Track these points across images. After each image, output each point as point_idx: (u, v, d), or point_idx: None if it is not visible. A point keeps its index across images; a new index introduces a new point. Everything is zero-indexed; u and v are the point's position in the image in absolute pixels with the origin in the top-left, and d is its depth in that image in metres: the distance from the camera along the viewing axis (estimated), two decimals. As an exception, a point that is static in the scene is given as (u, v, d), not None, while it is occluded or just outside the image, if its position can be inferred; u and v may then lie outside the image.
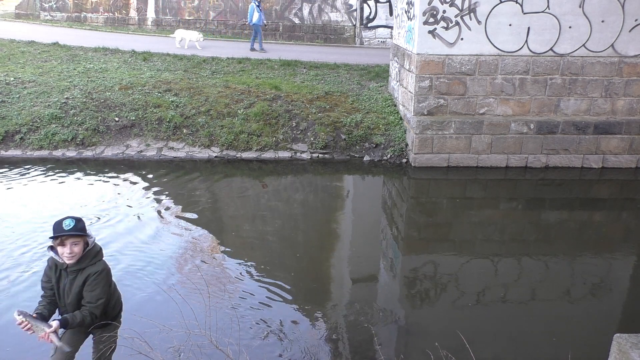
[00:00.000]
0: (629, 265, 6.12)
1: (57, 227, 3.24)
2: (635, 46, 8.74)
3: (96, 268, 3.35)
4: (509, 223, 7.27)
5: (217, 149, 9.25)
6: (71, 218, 3.28)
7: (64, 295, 3.37)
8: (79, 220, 3.31)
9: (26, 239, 5.92)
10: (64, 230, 3.20)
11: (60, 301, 3.40)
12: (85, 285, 3.32)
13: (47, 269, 3.40)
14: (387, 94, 10.98)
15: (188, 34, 16.12)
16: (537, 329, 4.63)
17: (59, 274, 3.35)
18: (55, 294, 3.39)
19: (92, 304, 3.32)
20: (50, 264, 3.38)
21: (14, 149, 8.95)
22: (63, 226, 3.22)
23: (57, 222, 3.27)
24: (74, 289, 3.32)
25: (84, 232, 3.29)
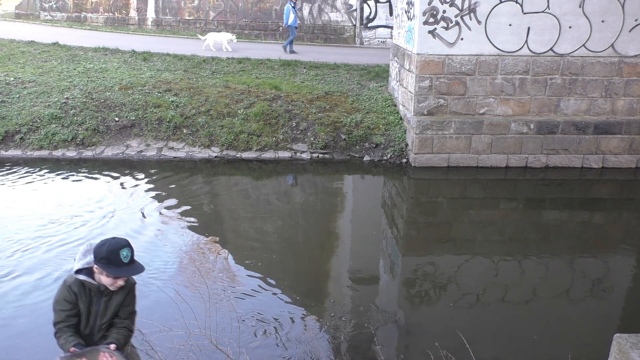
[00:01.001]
0: (629, 265, 6.12)
1: (113, 258, 2.77)
2: (635, 46, 8.74)
3: (132, 282, 3.06)
4: (509, 223, 7.27)
5: (217, 149, 9.25)
6: (127, 247, 2.82)
7: (95, 318, 2.98)
8: (131, 246, 2.86)
9: (25, 240, 5.92)
10: (123, 263, 2.78)
11: (86, 326, 2.99)
12: (123, 302, 3.01)
13: (68, 296, 2.88)
14: (387, 94, 10.98)
15: (220, 36, 15.65)
16: (537, 329, 4.62)
17: (89, 297, 2.93)
18: (85, 318, 2.97)
19: (129, 319, 3.05)
20: (75, 290, 2.89)
21: (14, 149, 8.95)
22: (121, 258, 2.78)
23: (110, 250, 2.78)
24: (112, 308, 2.98)
25: (141, 268, 2.88)
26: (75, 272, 2.89)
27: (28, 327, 4.41)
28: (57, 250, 5.69)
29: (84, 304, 2.92)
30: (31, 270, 5.26)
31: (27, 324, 4.44)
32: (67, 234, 6.06)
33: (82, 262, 2.90)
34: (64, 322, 2.89)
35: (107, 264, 2.77)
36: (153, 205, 7.11)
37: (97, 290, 2.91)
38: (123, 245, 2.80)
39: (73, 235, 6.06)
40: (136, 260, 2.88)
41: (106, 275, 2.80)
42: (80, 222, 6.41)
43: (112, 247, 2.78)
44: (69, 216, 6.56)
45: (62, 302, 2.90)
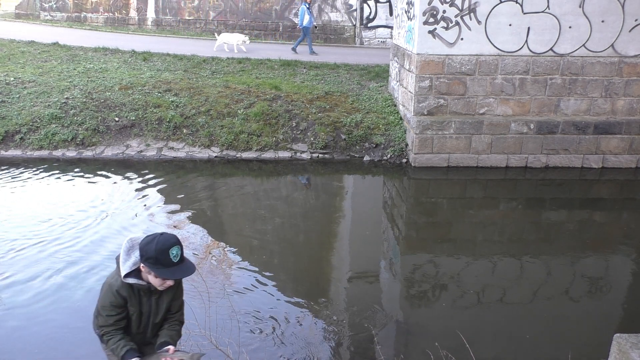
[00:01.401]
0: (629, 265, 6.12)
1: (161, 259, 2.53)
2: (635, 46, 8.74)
3: (193, 267, 2.79)
4: (509, 223, 7.27)
5: (217, 149, 9.25)
6: (176, 245, 2.57)
7: (148, 318, 2.83)
8: (180, 243, 2.61)
9: (24, 240, 5.92)
10: (173, 263, 2.55)
11: (138, 326, 2.83)
12: (173, 297, 2.84)
13: (116, 300, 2.68)
14: (387, 94, 10.98)
15: (232, 37, 15.39)
16: (537, 329, 4.62)
17: (139, 298, 2.74)
18: (136, 319, 2.80)
19: (179, 312, 2.91)
20: (124, 295, 2.69)
21: (14, 149, 8.95)
22: (171, 258, 2.54)
23: (158, 249, 2.53)
24: (164, 305, 2.82)
25: (192, 267, 2.66)
26: (124, 277, 2.65)
27: (21, 327, 4.41)
28: (50, 250, 5.69)
29: (134, 306, 2.73)
30: (22, 271, 5.24)
31: (21, 325, 4.44)
32: (62, 234, 6.06)
33: (129, 264, 2.66)
34: (112, 327, 2.73)
35: (155, 264, 2.54)
36: (153, 205, 7.11)
37: (147, 290, 2.71)
38: (173, 243, 2.55)
39: (69, 235, 6.06)
40: (186, 259, 2.65)
41: (154, 276, 2.59)
42: (77, 221, 6.41)
43: (160, 245, 2.52)
44: (67, 216, 6.56)
45: (109, 307, 2.69)
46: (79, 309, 4.66)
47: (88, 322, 3.11)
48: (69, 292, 4.93)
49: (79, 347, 4.15)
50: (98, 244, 5.89)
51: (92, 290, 4.90)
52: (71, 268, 5.32)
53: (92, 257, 5.57)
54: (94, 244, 5.87)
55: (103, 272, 5.20)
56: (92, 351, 3.66)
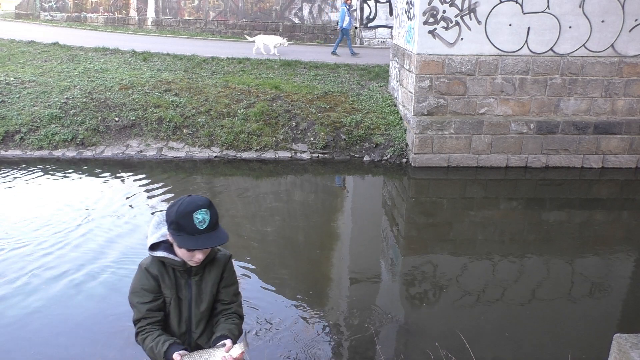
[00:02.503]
0: (629, 265, 6.12)
1: (184, 223, 2.10)
2: (635, 46, 8.74)
3: (226, 253, 2.42)
4: (509, 223, 7.27)
5: (217, 149, 9.25)
6: (204, 208, 2.13)
7: (190, 307, 2.34)
8: (212, 207, 2.17)
9: (23, 241, 5.91)
10: (198, 230, 2.11)
11: (180, 321, 2.35)
12: (222, 281, 2.39)
13: (147, 282, 2.27)
14: (387, 94, 10.98)
15: (270, 39, 15.15)
16: (537, 329, 4.62)
17: (174, 279, 2.30)
18: (175, 308, 2.32)
19: (235, 302, 2.43)
20: (154, 273, 2.27)
21: (14, 149, 8.95)
22: (195, 223, 2.10)
23: (180, 212, 2.11)
24: (208, 290, 2.35)
25: (223, 236, 2.19)
26: (150, 248, 2.26)
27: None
28: (46, 251, 5.69)
29: (169, 289, 2.27)
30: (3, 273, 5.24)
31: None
32: (64, 235, 6.06)
33: (157, 235, 2.26)
34: (146, 319, 2.25)
35: (177, 230, 2.13)
36: (153, 204, 7.11)
37: (183, 268, 2.26)
38: (199, 205, 2.11)
39: (67, 236, 6.06)
40: (219, 227, 2.19)
41: (177, 245, 2.17)
42: (74, 221, 6.41)
43: (183, 207, 2.10)
44: (66, 217, 6.56)
45: (140, 292, 2.26)
46: (70, 314, 4.65)
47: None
48: (63, 295, 4.93)
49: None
50: (98, 244, 5.89)
51: (83, 293, 4.90)
52: (67, 270, 5.32)
53: (90, 258, 5.57)
54: (95, 245, 5.87)
55: (100, 274, 5.21)
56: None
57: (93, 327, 4.37)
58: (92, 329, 4.35)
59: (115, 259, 5.54)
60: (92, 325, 4.40)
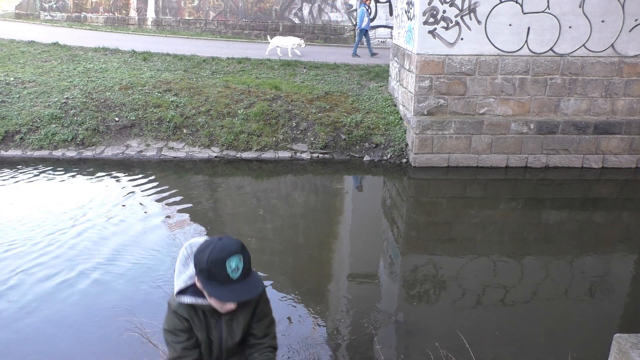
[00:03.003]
0: (629, 265, 6.12)
1: (215, 272, 1.95)
2: (635, 46, 8.74)
3: (261, 285, 2.11)
4: (509, 223, 7.27)
5: (217, 149, 9.26)
6: (237, 254, 1.97)
7: (220, 345, 2.29)
8: (245, 251, 2.02)
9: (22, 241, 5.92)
10: (231, 280, 1.96)
11: (211, 354, 2.31)
12: (255, 317, 2.28)
13: (179, 324, 2.18)
14: (387, 94, 10.98)
15: (286, 40, 14.89)
16: (537, 329, 4.63)
17: (204, 320, 2.22)
18: (206, 347, 2.28)
19: (268, 336, 2.32)
20: (185, 316, 2.18)
21: (14, 149, 8.95)
22: (228, 272, 1.95)
23: (212, 260, 1.95)
24: (240, 327, 2.26)
25: (254, 274, 2.07)
26: (177, 294, 2.14)
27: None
28: (44, 251, 5.69)
29: (200, 331, 2.20)
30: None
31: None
32: (60, 234, 6.06)
33: (184, 278, 2.13)
34: (183, 358, 2.21)
35: (207, 279, 1.97)
36: (153, 204, 7.11)
37: (213, 310, 2.15)
38: (232, 252, 1.94)
39: (63, 236, 6.06)
40: (253, 274, 2.05)
41: (208, 295, 2.03)
42: (74, 223, 6.41)
43: (215, 254, 1.93)
44: (66, 217, 6.56)
45: (173, 332, 2.19)
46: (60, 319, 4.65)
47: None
48: (54, 298, 4.93)
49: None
50: (96, 244, 5.89)
51: (77, 292, 4.90)
52: (63, 272, 5.32)
53: (86, 259, 5.57)
54: (92, 245, 5.87)
55: (93, 273, 5.21)
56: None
57: (89, 327, 4.37)
58: (87, 328, 4.35)
59: (112, 258, 5.54)
60: (88, 325, 4.40)
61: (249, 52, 14.83)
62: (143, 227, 6.37)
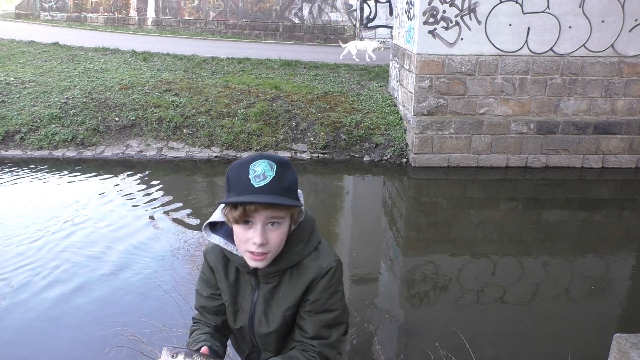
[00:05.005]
0: (629, 265, 6.12)
1: (236, 178, 1.52)
2: (635, 46, 8.74)
3: (323, 263, 1.65)
4: (509, 223, 7.27)
5: (217, 149, 9.26)
6: (265, 159, 1.51)
7: (252, 321, 1.70)
8: (283, 164, 1.53)
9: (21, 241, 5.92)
10: (252, 188, 1.45)
11: (242, 331, 1.76)
12: (304, 303, 1.64)
13: (206, 271, 1.76)
14: (387, 94, 10.98)
15: (365, 44, 14.45)
16: (537, 328, 4.63)
17: (235, 279, 1.70)
18: (231, 317, 1.75)
19: (322, 339, 1.63)
20: (211, 263, 1.74)
21: (14, 149, 8.95)
22: (250, 176, 1.47)
23: (237, 164, 1.57)
24: (278, 310, 1.65)
25: (293, 199, 1.55)
26: (207, 225, 1.67)
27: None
28: (42, 251, 5.69)
29: (226, 291, 1.70)
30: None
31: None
32: (60, 237, 6.07)
33: (219, 210, 1.67)
34: (199, 315, 1.82)
35: (226, 192, 1.55)
36: (153, 204, 7.11)
37: (248, 269, 1.62)
38: (262, 156, 1.51)
39: (63, 239, 6.06)
40: (295, 200, 1.57)
41: (232, 215, 1.49)
42: (73, 223, 6.41)
43: (242, 160, 1.55)
44: (65, 217, 6.56)
45: (200, 279, 1.80)
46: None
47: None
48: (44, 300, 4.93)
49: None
50: (101, 245, 5.89)
51: (75, 297, 4.90)
52: (58, 273, 5.32)
53: (85, 260, 5.57)
54: (91, 246, 5.87)
55: (90, 274, 5.21)
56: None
57: (82, 328, 4.37)
58: (80, 330, 4.35)
59: (111, 259, 5.54)
60: (80, 327, 4.40)
61: (249, 52, 14.84)
62: (143, 228, 6.37)
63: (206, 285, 1.78)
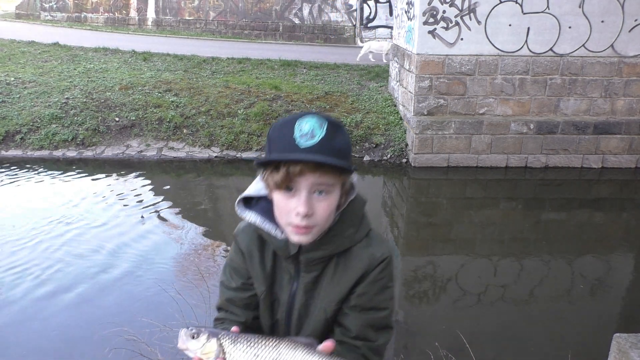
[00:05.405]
0: (629, 265, 6.13)
1: (279, 137, 1.29)
2: (634, 46, 8.74)
3: (376, 252, 1.43)
4: (509, 223, 7.27)
5: (217, 149, 9.26)
6: (316, 117, 1.27)
7: (290, 316, 1.46)
8: (335, 124, 1.30)
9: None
10: (296, 147, 1.24)
11: (276, 329, 1.49)
12: (349, 297, 1.40)
13: (235, 257, 1.50)
14: (387, 94, 10.98)
15: (380, 44, 14.35)
16: (537, 328, 4.63)
17: (272, 266, 1.45)
18: (266, 311, 1.48)
19: (367, 341, 1.40)
20: (242, 246, 1.48)
21: (14, 149, 8.95)
22: (295, 135, 1.25)
23: (281, 122, 1.32)
24: (322, 302, 1.42)
25: (345, 162, 1.28)
26: (241, 200, 1.47)
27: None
28: (42, 250, 5.70)
29: (260, 280, 1.45)
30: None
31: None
32: (59, 237, 6.07)
33: (257, 185, 1.44)
34: (223, 313, 1.51)
35: (268, 151, 1.32)
36: (152, 205, 7.12)
37: (287, 253, 1.39)
38: (308, 114, 1.27)
39: (62, 239, 6.06)
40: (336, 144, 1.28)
41: (272, 179, 1.29)
42: (74, 222, 6.42)
43: (285, 118, 1.31)
44: (65, 217, 6.56)
45: (226, 269, 1.54)
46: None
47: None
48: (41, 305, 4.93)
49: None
50: (101, 246, 5.89)
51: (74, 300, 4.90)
52: (57, 273, 5.32)
53: (84, 260, 5.58)
54: (90, 246, 5.87)
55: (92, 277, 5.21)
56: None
57: (79, 330, 4.38)
58: (78, 332, 4.35)
59: (110, 259, 5.54)
60: (78, 328, 4.41)
61: (249, 52, 14.84)
62: (143, 228, 6.37)
63: (235, 273, 1.49)
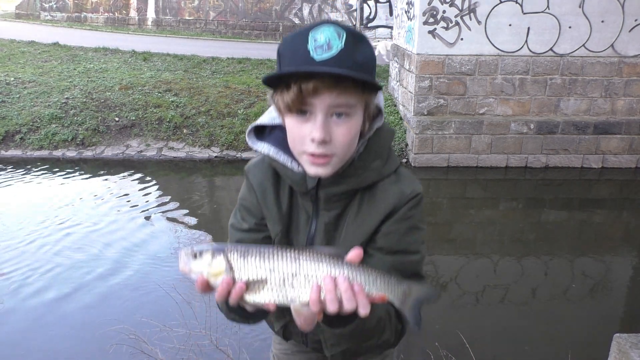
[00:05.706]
0: (629, 265, 6.13)
1: (292, 49, 1.10)
2: (635, 46, 8.74)
3: (406, 188, 1.26)
4: (509, 223, 7.27)
5: (217, 149, 9.26)
6: (333, 26, 1.06)
7: None
8: (356, 34, 1.09)
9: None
10: (311, 60, 1.06)
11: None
12: (378, 235, 1.25)
13: (247, 194, 1.36)
14: (387, 94, 10.98)
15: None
16: (537, 329, 4.63)
17: (288, 204, 1.30)
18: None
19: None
20: (254, 182, 1.34)
21: (14, 149, 8.95)
22: (309, 47, 1.06)
23: (296, 33, 1.12)
24: (345, 242, 1.25)
25: (369, 75, 1.09)
26: (252, 130, 1.31)
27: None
28: (43, 250, 5.70)
29: (276, 221, 1.30)
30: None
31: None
32: (59, 237, 6.07)
33: (272, 113, 1.28)
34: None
35: (278, 67, 1.15)
36: (152, 204, 7.12)
37: (305, 188, 1.24)
38: (328, 22, 1.09)
39: (62, 239, 6.06)
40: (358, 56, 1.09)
41: (284, 102, 1.12)
42: (73, 222, 6.41)
43: (297, 31, 1.12)
44: (65, 217, 6.56)
45: (236, 211, 1.40)
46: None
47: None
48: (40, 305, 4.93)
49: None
50: (101, 245, 5.89)
51: (73, 303, 4.89)
52: (57, 274, 5.32)
53: (83, 261, 5.57)
54: (89, 246, 5.87)
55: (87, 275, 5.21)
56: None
57: (81, 331, 4.38)
58: (79, 333, 4.35)
59: (110, 260, 5.54)
60: (80, 329, 4.41)
61: (249, 52, 14.83)
62: (142, 228, 6.37)
63: (247, 213, 1.32)
